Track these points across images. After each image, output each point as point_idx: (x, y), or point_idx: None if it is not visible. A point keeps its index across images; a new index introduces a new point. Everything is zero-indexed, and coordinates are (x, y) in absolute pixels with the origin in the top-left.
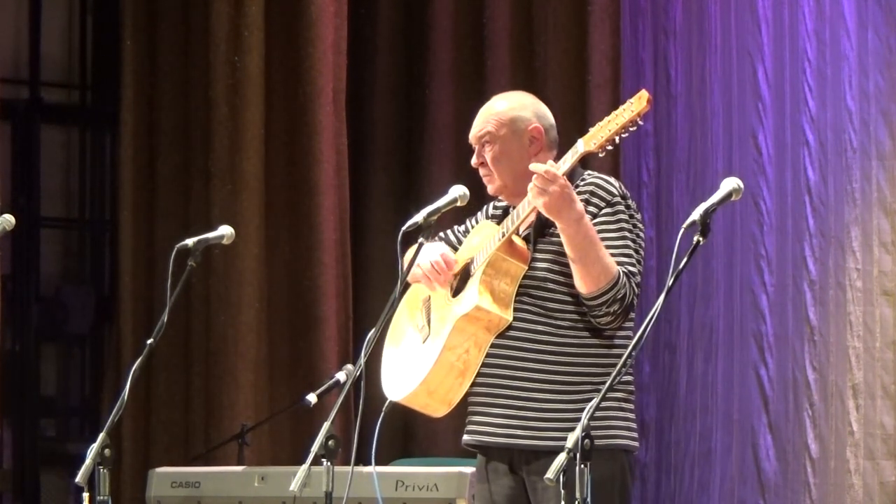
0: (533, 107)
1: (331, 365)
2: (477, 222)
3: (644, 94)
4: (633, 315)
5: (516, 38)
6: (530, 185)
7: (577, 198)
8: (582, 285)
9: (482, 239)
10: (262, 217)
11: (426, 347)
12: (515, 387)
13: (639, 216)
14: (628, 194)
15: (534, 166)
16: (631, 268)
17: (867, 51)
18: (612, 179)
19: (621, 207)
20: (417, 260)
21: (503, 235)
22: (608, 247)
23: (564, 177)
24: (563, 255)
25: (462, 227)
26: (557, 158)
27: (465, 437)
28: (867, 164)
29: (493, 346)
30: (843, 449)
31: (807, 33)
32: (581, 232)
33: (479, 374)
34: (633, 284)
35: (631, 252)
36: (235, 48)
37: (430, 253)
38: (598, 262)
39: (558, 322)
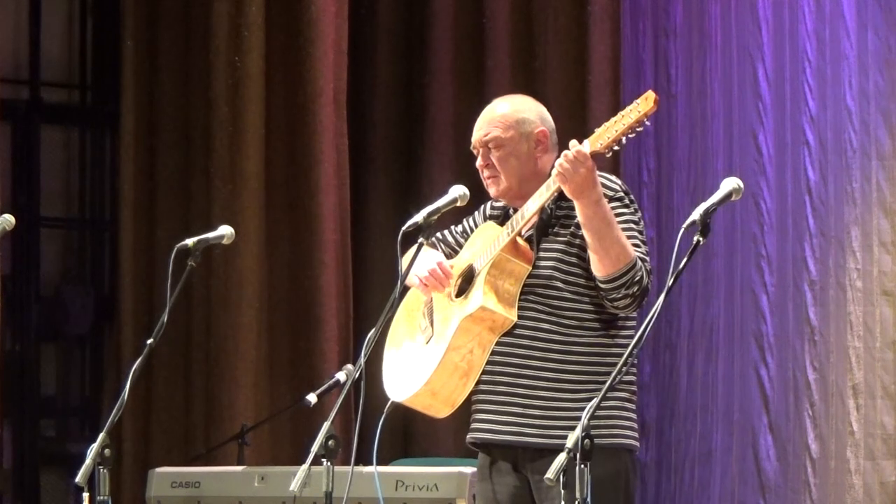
0: (536, 110)
1: (331, 365)
2: (474, 222)
3: (651, 95)
4: (639, 309)
5: (516, 39)
6: (557, 162)
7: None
8: (600, 268)
9: (485, 240)
10: (262, 217)
11: (430, 348)
12: (521, 384)
13: (640, 213)
14: (629, 190)
15: (573, 143)
16: (642, 255)
17: (867, 51)
18: (612, 177)
19: (626, 202)
20: (414, 268)
21: (508, 236)
22: None
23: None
24: (568, 254)
25: (459, 228)
26: None
27: (469, 436)
28: (867, 164)
29: (498, 344)
30: (843, 449)
31: (807, 33)
32: (600, 213)
33: (483, 373)
34: (646, 271)
35: (639, 243)
36: (235, 48)
37: (427, 261)
38: (616, 242)
39: (565, 320)
